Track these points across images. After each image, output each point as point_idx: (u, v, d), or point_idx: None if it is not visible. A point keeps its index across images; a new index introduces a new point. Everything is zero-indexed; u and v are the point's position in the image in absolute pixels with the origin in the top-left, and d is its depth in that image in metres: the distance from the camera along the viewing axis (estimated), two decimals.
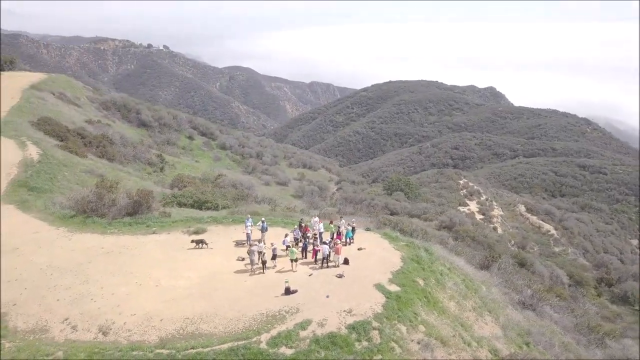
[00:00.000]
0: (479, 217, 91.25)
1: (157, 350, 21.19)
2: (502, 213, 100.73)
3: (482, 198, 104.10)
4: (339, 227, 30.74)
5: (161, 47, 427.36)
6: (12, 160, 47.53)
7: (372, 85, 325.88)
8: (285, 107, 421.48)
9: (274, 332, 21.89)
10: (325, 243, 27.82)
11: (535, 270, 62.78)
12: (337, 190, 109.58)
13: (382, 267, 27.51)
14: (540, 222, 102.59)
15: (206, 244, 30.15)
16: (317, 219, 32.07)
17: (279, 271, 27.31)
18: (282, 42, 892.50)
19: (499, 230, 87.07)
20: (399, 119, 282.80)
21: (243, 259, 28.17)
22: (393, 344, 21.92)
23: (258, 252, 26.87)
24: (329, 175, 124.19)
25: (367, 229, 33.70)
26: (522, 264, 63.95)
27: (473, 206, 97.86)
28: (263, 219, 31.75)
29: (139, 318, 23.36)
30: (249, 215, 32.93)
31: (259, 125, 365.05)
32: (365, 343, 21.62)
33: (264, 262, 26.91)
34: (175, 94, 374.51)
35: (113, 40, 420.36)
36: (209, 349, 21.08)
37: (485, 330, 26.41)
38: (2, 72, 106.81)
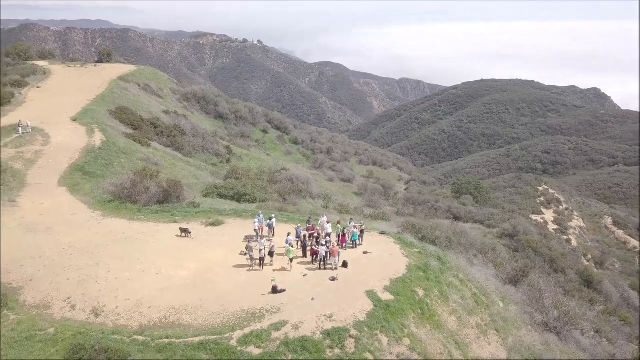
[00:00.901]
0: (552, 227, 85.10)
1: (135, 337, 21.91)
2: (582, 224, 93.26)
3: (561, 207, 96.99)
4: (342, 229, 29.95)
5: (255, 42, 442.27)
6: (77, 145, 51.34)
7: (463, 84, 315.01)
8: (372, 103, 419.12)
9: (247, 330, 21.81)
10: (322, 244, 27.22)
11: (602, 290, 57.52)
12: (405, 190, 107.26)
13: (382, 274, 26.44)
14: (627, 237, 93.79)
15: (189, 232, 31.12)
16: (325, 218, 31.49)
17: (275, 269, 27.14)
18: (375, 38, 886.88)
19: (574, 243, 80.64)
20: (489, 119, 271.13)
21: (245, 254, 28.31)
22: (368, 355, 20.99)
23: (260, 248, 26.89)
24: (399, 174, 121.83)
25: (382, 233, 32.52)
26: (588, 282, 58.87)
27: (548, 215, 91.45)
28: (273, 215, 31.75)
29: (130, 303, 24.29)
30: (260, 211, 33.09)
31: (344, 121, 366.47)
32: (337, 351, 20.91)
33: (261, 259, 26.87)
34: (266, 88, 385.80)
35: (212, 35, 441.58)
36: (181, 340, 21.46)
37: (485, 351, 24.54)
38: (99, 64, 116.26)
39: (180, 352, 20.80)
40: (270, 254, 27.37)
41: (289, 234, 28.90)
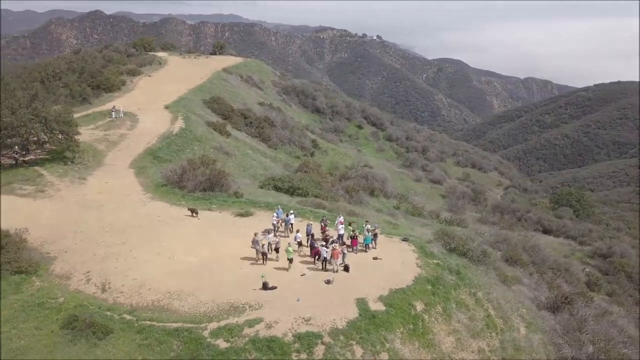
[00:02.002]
0: None
1: (124, 315, 23.20)
2: None
3: None
4: (352, 231, 28.86)
5: (374, 37, 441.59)
6: (158, 131, 55.18)
7: (595, 85, 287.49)
8: (492, 102, 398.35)
9: (222, 323, 22.04)
10: (322, 245, 26.52)
11: None
12: (501, 196, 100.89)
13: (383, 282, 25.17)
14: None
15: (197, 213, 33.44)
16: (341, 218, 30.57)
17: (277, 267, 26.99)
18: (501, 34, 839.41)
19: None
20: (622, 125, 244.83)
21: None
22: None
23: (263, 243, 26.96)
24: (499, 179, 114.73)
25: (405, 239, 30.79)
26: None
27: None
28: (292, 211, 31.54)
29: (135, 283, 25.70)
30: (280, 206, 33.01)
31: (460, 120, 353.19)
32: (303, 356, 20.38)
33: (264, 254, 26.92)
34: (381, 83, 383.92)
35: (332, 29, 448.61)
36: (161, 324, 22.29)
37: None
38: (212, 56, 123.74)
39: (155, 336, 21.63)
40: (276, 249, 27.32)
41: (297, 231, 28.65)
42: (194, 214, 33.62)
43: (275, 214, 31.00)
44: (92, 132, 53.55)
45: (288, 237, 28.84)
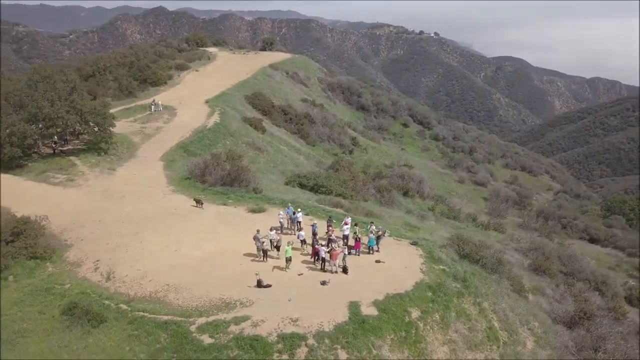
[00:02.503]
0: None
1: (121, 305, 23.77)
2: None
3: None
4: (354, 233, 28.21)
5: (432, 34, 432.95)
6: (193, 125, 56.35)
7: None
8: (554, 103, 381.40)
9: (211, 319, 22.14)
10: (321, 245, 26.10)
11: None
12: (550, 201, 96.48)
13: (381, 287, 24.49)
14: None
15: (201, 203, 34.68)
16: (348, 219, 29.95)
17: (276, 266, 26.84)
18: (568, 32, 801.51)
19: None
20: None
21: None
22: None
23: (262, 240, 26.91)
24: (550, 183, 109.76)
25: (414, 243, 29.80)
26: None
27: None
28: (299, 210, 31.24)
29: (138, 274, 26.28)
30: (290, 204, 32.77)
31: (517, 120, 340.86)
32: (285, 356, 20.14)
33: (264, 251, 26.86)
34: (436, 81, 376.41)
35: (389, 26, 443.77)
36: (153, 316, 22.67)
37: None
38: (261, 52, 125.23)
39: (145, 327, 22.02)
40: (277, 247, 27.20)
41: (300, 230, 28.41)
42: (199, 205, 34.49)
43: (281, 212, 30.91)
44: (130, 124, 55.42)
45: (279, 234, 28.44)
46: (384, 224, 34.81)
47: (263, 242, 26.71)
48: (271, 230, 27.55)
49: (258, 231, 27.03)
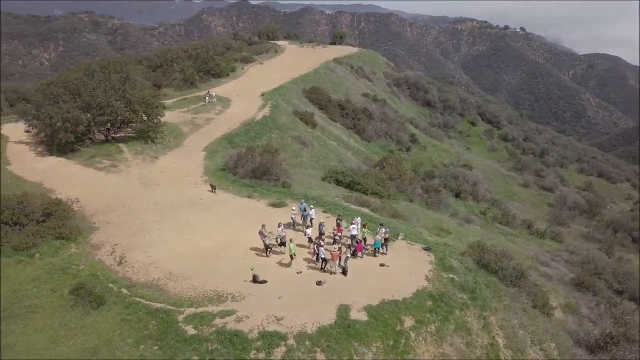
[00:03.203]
0: None
1: (123, 289, 24.67)
2: None
3: None
4: (363, 233, 27.29)
5: (517, 29, 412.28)
6: (242, 117, 57.28)
7: None
8: None
9: (199, 310, 22.42)
10: (321, 245, 25.49)
11: None
12: (627, 211, 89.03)
13: (377, 292, 23.62)
14: None
15: (215, 189, 36.47)
16: (358, 219, 29.01)
17: (279, 261, 26.63)
18: None
19: None
20: None
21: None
22: None
23: (266, 235, 26.79)
24: (630, 192, 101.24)
25: (426, 248, 28.37)
26: None
27: None
28: (312, 207, 30.73)
29: (147, 261, 27.13)
30: (303, 200, 32.27)
31: (608, 122, 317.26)
32: (261, 355, 19.96)
33: (267, 246, 26.75)
34: (520, 79, 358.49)
35: (471, 21, 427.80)
36: (148, 303, 23.32)
37: None
38: (330, 45, 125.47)
39: (138, 313, 22.69)
40: (282, 243, 27.00)
41: (307, 227, 27.99)
42: (213, 190, 36.07)
43: (293, 208, 30.64)
44: (182, 114, 57.34)
45: (283, 231, 28.04)
46: (407, 226, 33.70)
47: (266, 238, 26.59)
48: (279, 226, 27.36)
49: (263, 226, 26.97)
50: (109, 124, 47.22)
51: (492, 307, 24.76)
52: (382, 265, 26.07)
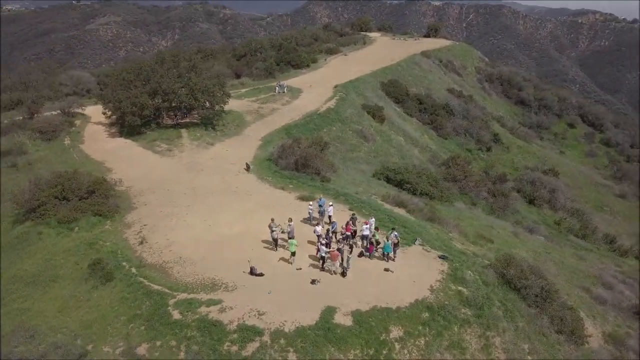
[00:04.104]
0: None
1: (132, 268, 25.85)
2: None
3: None
4: (374, 236, 26.04)
5: None
6: (307, 109, 57.46)
7: None
8: None
9: (190, 296, 22.93)
10: (322, 244, 24.72)
11: None
12: None
13: (372, 297, 22.60)
14: None
15: (249, 169, 39.27)
16: (372, 220, 27.70)
17: (283, 256, 26.35)
18: None
19: None
20: None
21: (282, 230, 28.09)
22: None
23: (274, 229, 26.62)
24: None
25: (442, 257, 26.44)
26: None
27: None
28: (331, 203, 29.88)
29: (166, 243, 28.19)
30: (321, 196, 31.41)
31: None
32: (234, 347, 20.01)
33: (275, 240, 26.58)
34: None
35: (594, 13, 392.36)
36: (149, 284, 24.29)
37: None
38: (424, 38, 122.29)
39: (137, 293, 23.74)
40: (290, 238, 26.67)
41: (317, 224, 27.41)
42: (248, 170, 38.76)
43: (311, 203, 30.15)
44: (250, 103, 58.77)
45: (290, 225, 27.49)
46: (439, 231, 31.89)
47: (273, 231, 26.48)
48: (289, 221, 27.10)
49: (272, 220, 26.87)
50: (177, 110, 49.58)
51: (501, 327, 22.70)
52: (386, 270, 24.90)
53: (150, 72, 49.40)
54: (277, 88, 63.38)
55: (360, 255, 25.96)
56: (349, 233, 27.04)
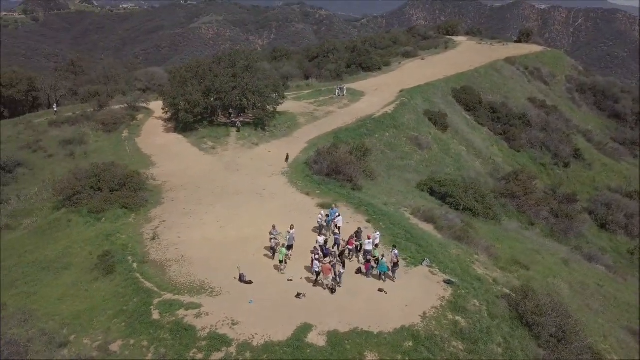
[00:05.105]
0: None
1: (134, 263, 26.37)
2: None
3: None
4: (368, 254, 24.37)
5: None
6: (364, 112, 56.02)
7: None
8: None
9: (174, 298, 22.93)
10: (316, 258, 23.49)
11: None
12: None
13: (356, 319, 21.20)
14: None
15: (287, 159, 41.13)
16: (377, 234, 25.94)
17: (277, 266, 25.51)
18: None
19: None
20: None
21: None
22: None
23: (272, 237, 25.91)
24: None
25: (448, 282, 24.12)
26: None
27: None
28: (339, 214, 28.41)
29: (175, 240, 28.58)
30: (334, 206, 29.93)
31: None
32: (200, 355, 19.63)
33: (272, 248, 25.85)
34: None
35: None
36: (143, 281, 24.65)
37: None
38: (514, 43, 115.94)
39: (129, 288, 24.17)
40: (289, 246, 25.87)
41: (320, 235, 26.31)
42: (287, 160, 41.05)
43: (321, 212, 29.00)
44: (307, 105, 58.54)
45: (290, 233, 26.45)
46: (464, 252, 29.52)
47: (271, 239, 25.81)
48: (291, 228, 26.31)
49: (274, 227, 26.22)
50: (230, 109, 50.49)
51: None
52: (380, 290, 23.30)
53: (207, 71, 50.65)
54: (337, 91, 62.62)
55: (358, 272, 24.58)
56: (351, 247, 25.72)
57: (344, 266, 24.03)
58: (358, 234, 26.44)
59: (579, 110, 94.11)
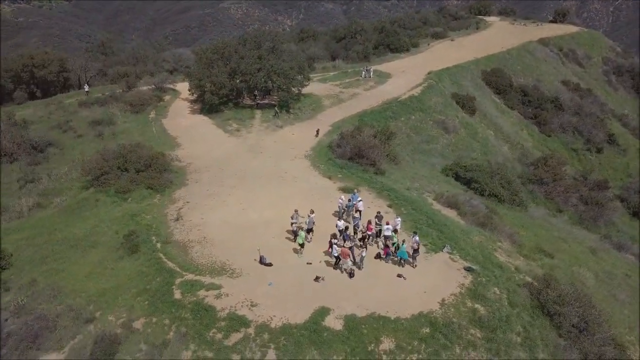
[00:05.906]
0: None
1: (158, 243, 26.92)
2: None
3: None
4: (388, 239, 24.25)
5: None
6: (389, 95, 55.46)
7: None
8: None
9: (195, 278, 23.38)
10: (334, 242, 23.56)
11: None
12: None
13: (374, 303, 21.29)
14: None
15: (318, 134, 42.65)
16: (398, 219, 25.79)
17: (295, 249, 25.64)
18: None
19: None
20: None
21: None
22: (235, 357, 19.27)
23: (293, 221, 26.05)
24: None
25: (468, 269, 23.85)
26: None
27: None
28: (360, 198, 28.26)
29: (198, 221, 28.99)
30: (356, 191, 29.78)
31: None
32: (219, 335, 20.07)
33: (294, 231, 25.99)
34: None
35: None
36: (166, 261, 25.18)
37: None
38: (549, 24, 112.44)
39: (152, 268, 24.71)
40: (309, 230, 25.98)
41: (339, 219, 26.33)
42: (317, 135, 43.00)
43: (342, 197, 28.92)
44: (332, 87, 58.15)
45: (310, 217, 26.50)
46: (486, 238, 29.17)
47: (292, 223, 25.97)
48: (311, 212, 26.37)
49: (296, 211, 26.35)
50: (255, 91, 50.55)
51: (513, 356, 20.18)
52: (399, 276, 23.28)
53: (232, 52, 50.69)
54: (363, 72, 61.97)
55: (377, 256, 24.58)
56: (370, 232, 25.67)
57: (366, 249, 24.04)
58: (378, 218, 26.34)
59: (615, 94, 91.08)
